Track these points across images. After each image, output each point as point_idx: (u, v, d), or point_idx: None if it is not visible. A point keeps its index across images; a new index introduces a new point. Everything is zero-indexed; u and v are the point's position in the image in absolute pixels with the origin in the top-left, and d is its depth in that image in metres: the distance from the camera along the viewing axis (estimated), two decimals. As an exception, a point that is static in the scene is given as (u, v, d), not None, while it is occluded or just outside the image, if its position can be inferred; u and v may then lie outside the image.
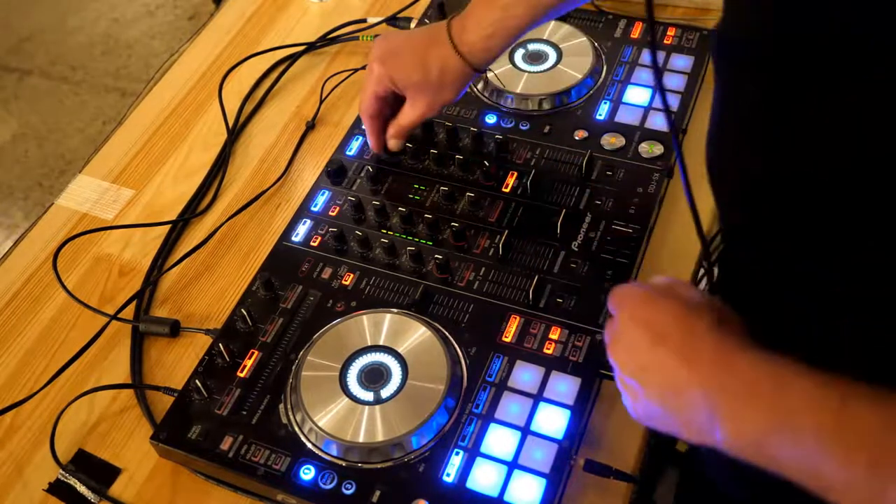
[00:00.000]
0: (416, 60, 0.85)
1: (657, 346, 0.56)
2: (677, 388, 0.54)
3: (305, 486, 0.72)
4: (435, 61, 0.84)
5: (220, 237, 0.96)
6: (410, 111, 0.89)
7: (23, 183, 2.45)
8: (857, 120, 0.50)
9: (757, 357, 0.52)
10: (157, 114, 1.12)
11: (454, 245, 0.87)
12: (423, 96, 0.87)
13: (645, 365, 0.57)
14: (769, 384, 0.50)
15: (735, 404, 0.51)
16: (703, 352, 0.54)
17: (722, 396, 0.52)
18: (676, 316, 0.57)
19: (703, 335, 0.55)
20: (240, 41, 1.20)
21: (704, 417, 0.52)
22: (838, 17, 0.48)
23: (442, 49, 0.84)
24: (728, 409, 0.51)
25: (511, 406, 0.75)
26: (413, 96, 0.88)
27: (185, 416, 0.77)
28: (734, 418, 0.51)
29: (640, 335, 0.57)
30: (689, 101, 0.98)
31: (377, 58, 0.87)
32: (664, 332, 0.56)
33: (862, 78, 0.48)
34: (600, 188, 0.90)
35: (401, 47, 0.87)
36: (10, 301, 0.94)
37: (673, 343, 0.55)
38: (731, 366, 0.52)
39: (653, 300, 0.59)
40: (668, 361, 0.55)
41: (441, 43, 0.84)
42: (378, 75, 0.87)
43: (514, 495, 0.69)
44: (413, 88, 0.87)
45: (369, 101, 0.90)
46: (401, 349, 0.78)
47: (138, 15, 2.87)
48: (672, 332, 0.56)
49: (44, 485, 0.79)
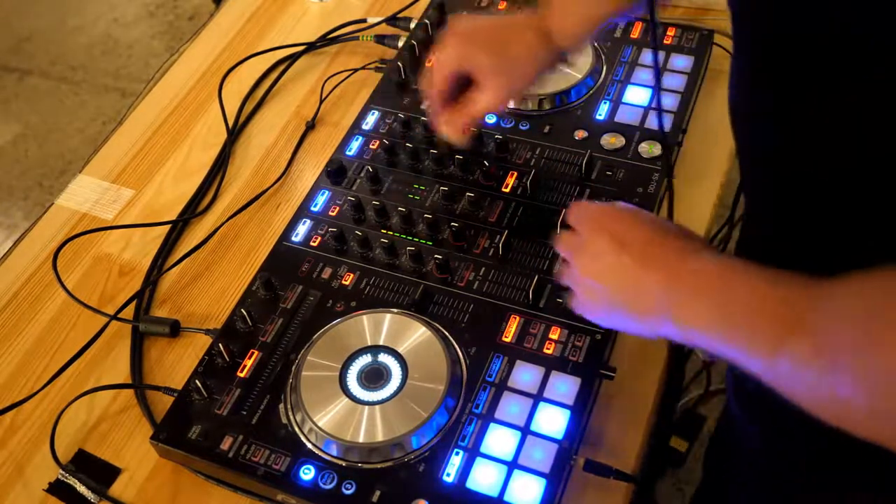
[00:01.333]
0: (496, 41, 0.79)
1: (622, 253, 0.63)
2: (638, 288, 0.61)
3: (305, 486, 0.72)
4: (516, 41, 0.79)
5: (220, 237, 0.96)
6: (483, 97, 0.81)
7: (23, 183, 2.45)
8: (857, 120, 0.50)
9: (710, 258, 0.59)
10: (157, 114, 1.12)
11: (454, 245, 0.87)
12: (498, 80, 0.80)
13: (610, 269, 0.64)
14: (717, 280, 0.57)
15: (685, 298, 0.58)
16: (662, 256, 0.61)
17: (675, 292, 0.59)
18: (640, 227, 0.65)
19: (662, 242, 0.63)
20: (240, 41, 1.20)
21: (659, 310, 0.60)
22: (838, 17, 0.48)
23: (526, 32, 0.79)
24: (679, 301, 0.58)
25: (511, 406, 0.75)
26: (486, 80, 0.80)
27: (185, 416, 0.77)
28: (683, 309, 0.58)
29: (607, 243, 0.64)
30: (689, 100, 0.98)
31: (453, 34, 0.81)
32: (628, 240, 0.63)
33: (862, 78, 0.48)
34: (600, 188, 0.90)
35: (482, 28, 0.81)
36: (10, 301, 0.94)
37: (636, 249, 0.62)
38: (686, 265, 0.59)
39: (618, 213, 0.67)
40: (632, 265, 0.62)
41: (525, 24, 0.79)
42: (450, 53, 0.81)
43: (514, 495, 0.69)
44: (488, 70, 0.80)
45: (440, 80, 0.83)
46: (401, 349, 0.78)
47: (138, 15, 2.87)
48: (635, 240, 0.63)
49: (44, 485, 0.79)
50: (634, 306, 0.63)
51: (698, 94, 1.00)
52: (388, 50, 1.13)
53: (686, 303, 0.58)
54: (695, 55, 1.02)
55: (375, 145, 0.97)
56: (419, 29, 1.10)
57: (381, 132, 0.99)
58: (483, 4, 1.12)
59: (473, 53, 0.80)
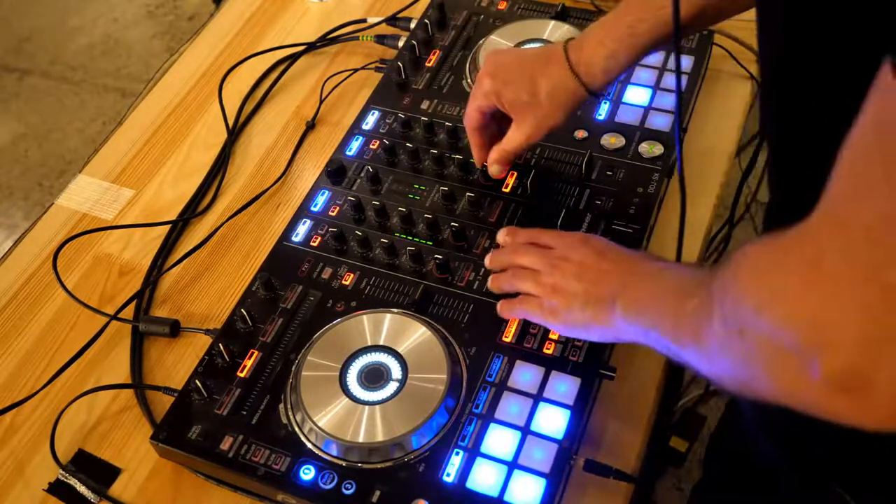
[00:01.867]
0: (526, 78, 0.81)
1: (601, 260, 0.72)
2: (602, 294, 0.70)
3: (305, 486, 0.72)
4: (547, 81, 0.80)
5: (220, 237, 0.96)
6: (516, 134, 0.84)
7: (23, 183, 2.45)
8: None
9: (659, 261, 0.70)
10: (157, 114, 1.12)
11: (454, 245, 0.87)
12: (530, 118, 0.82)
13: (590, 276, 0.72)
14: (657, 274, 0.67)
15: (631, 289, 0.68)
16: (628, 261, 0.72)
17: (626, 287, 0.68)
18: (608, 243, 0.75)
19: (631, 253, 0.73)
20: (240, 41, 1.20)
21: (610, 299, 0.69)
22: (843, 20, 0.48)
23: (556, 68, 0.80)
24: (626, 292, 0.68)
25: (511, 406, 0.75)
26: (520, 117, 0.83)
27: (185, 416, 0.77)
28: (628, 298, 0.68)
29: (586, 252, 0.74)
30: (690, 100, 0.98)
31: (488, 72, 0.83)
32: (605, 248, 0.74)
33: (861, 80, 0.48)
34: (600, 188, 0.90)
35: (512, 63, 0.83)
36: (10, 301, 0.94)
37: (612, 256, 0.73)
38: (640, 266, 0.70)
39: (586, 235, 0.78)
40: (611, 270, 0.71)
41: (556, 62, 0.80)
42: (486, 90, 0.83)
43: (514, 495, 0.69)
44: (520, 108, 0.82)
45: (473, 114, 0.86)
46: (401, 349, 0.78)
47: (138, 15, 2.87)
48: (610, 249, 0.74)
49: (44, 485, 0.79)
50: (593, 300, 0.70)
51: (698, 94, 1.00)
52: (388, 50, 1.13)
53: (631, 290, 0.68)
54: (695, 55, 1.02)
55: (375, 145, 0.97)
56: (419, 29, 1.10)
57: (381, 132, 0.99)
58: (483, 4, 1.12)
59: (504, 91, 0.82)
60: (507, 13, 1.11)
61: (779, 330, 0.46)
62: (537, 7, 1.11)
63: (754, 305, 0.48)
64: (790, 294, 0.45)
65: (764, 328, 0.47)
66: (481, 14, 1.11)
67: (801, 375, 0.44)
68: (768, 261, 0.48)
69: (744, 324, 0.49)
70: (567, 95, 0.81)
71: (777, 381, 0.48)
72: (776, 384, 0.48)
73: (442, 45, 1.08)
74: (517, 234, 0.82)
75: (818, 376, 0.43)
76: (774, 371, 0.48)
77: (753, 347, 0.49)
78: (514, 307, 0.78)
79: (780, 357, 0.46)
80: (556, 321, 0.74)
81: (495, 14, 1.11)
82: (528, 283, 0.76)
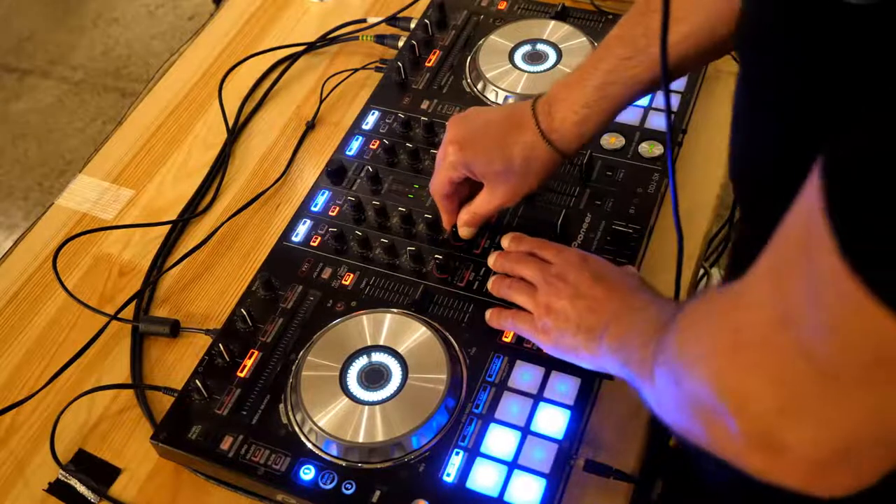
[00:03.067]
0: (497, 147, 0.78)
1: (596, 286, 0.72)
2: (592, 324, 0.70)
3: (305, 486, 0.72)
4: (519, 149, 0.77)
5: (220, 237, 0.96)
6: (489, 200, 0.81)
7: (23, 183, 2.45)
8: None
9: (647, 292, 0.71)
10: (157, 114, 1.12)
11: (454, 245, 0.87)
12: (505, 185, 0.79)
13: (584, 303, 0.71)
14: (643, 309, 0.67)
15: (616, 324, 0.68)
16: (621, 291, 0.71)
17: (614, 321, 0.68)
18: (605, 265, 0.76)
19: (624, 279, 0.73)
20: (240, 41, 1.20)
21: (600, 333, 0.69)
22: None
23: (527, 135, 0.77)
24: (612, 327, 0.68)
25: (511, 406, 0.75)
26: (493, 185, 0.80)
27: (185, 416, 0.77)
28: (614, 329, 0.68)
29: (583, 275, 0.73)
30: (690, 101, 0.98)
31: (453, 141, 0.79)
32: (602, 273, 0.74)
33: None
34: (600, 188, 0.90)
35: (479, 132, 0.79)
36: (10, 301, 0.94)
37: (608, 283, 0.72)
38: (630, 299, 0.70)
39: (585, 254, 0.77)
40: (604, 300, 0.71)
41: (526, 128, 0.77)
42: (453, 161, 0.79)
43: (514, 495, 0.69)
44: (493, 177, 0.79)
45: (443, 184, 0.82)
46: (401, 349, 0.78)
47: (138, 15, 2.87)
48: (607, 273, 0.74)
49: (44, 485, 0.79)
50: (584, 329, 0.70)
51: (698, 94, 1.00)
52: (388, 50, 1.13)
53: (617, 325, 0.68)
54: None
55: (375, 145, 0.97)
56: (419, 29, 1.10)
57: (381, 132, 0.99)
58: (483, 4, 1.12)
59: (474, 162, 0.79)
60: (507, 13, 1.11)
61: (702, 389, 0.48)
62: (537, 7, 1.11)
63: (684, 363, 0.52)
64: (711, 358, 0.48)
65: (692, 384, 0.49)
66: (481, 14, 1.11)
67: (724, 431, 0.46)
68: (699, 321, 0.52)
69: (678, 376, 0.52)
70: (542, 163, 0.78)
71: (707, 432, 0.50)
72: (707, 436, 0.50)
73: (442, 45, 1.08)
74: (521, 243, 0.82)
75: (737, 435, 0.45)
76: (704, 424, 0.50)
77: (686, 399, 0.51)
78: (506, 319, 0.78)
79: (706, 412, 0.48)
80: (547, 341, 0.74)
81: (495, 14, 1.11)
82: (523, 298, 0.77)
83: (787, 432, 0.42)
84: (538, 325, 0.74)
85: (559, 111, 0.77)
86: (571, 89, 0.77)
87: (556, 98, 0.77)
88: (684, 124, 0.96)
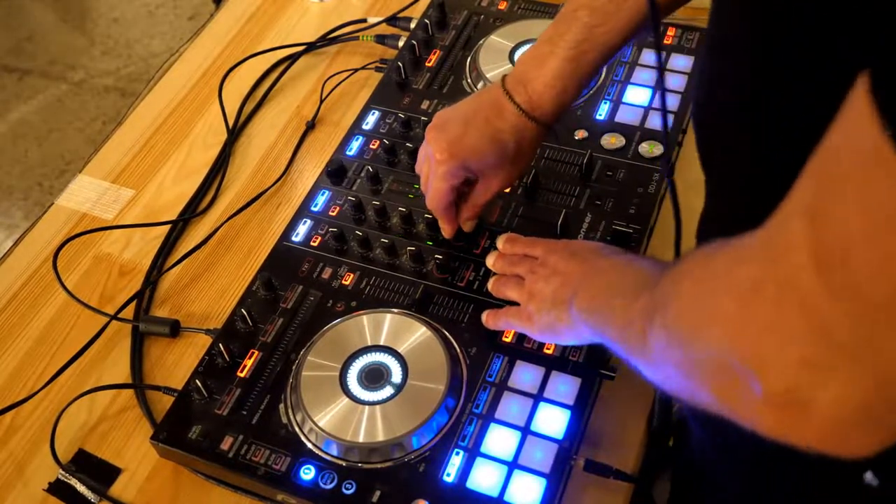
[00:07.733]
0: (486, 141, 0.78)
1: (572, 261, 0.72)
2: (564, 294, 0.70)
3: (306, 486, 0.72)
4: (509, 135, 0.77)
5: (220, 237, 0.96)
6: (487, 188, 0.82)
7: (23, 183, 2.45)
8: None
9: (628, 255, 0.71)
10: (157, 114, 1.12)
11: (454, 245, 0.87)
12: (501, 172, 0.80)
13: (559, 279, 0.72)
14: (620, 268, 0.67)
15: (587, 285, 0.68)
16: (596, 259, 0.71)
17: (583, 283, 0.69)
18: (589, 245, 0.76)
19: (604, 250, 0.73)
20: (240, 41, 1.20)
21: (570, 299, 0.69)
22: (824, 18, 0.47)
23: (510, 119, 0.77)
24: (582, 288, 0.68)
25: (511, 406, 0.75)
26: (489, 175, 0.81)
27: (185, 416, 0.77)
28: (583, 293, 0.68)
29: (561, 256, 0.74)
30: (690, 101, 0.98)
31: (443, 150, 0.78)
32: (578, 249, 0.74)
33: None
34: (600, 188, 0.90)
35: (464, 131, 0.78)
36: (10, 301, 0.94)
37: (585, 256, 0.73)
38: (604, 262, 0.70)
39: (569, 241, 0.78)
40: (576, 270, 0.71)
41: (506, 113, 0.77)
42: (449, 168, 0.79)
43: (514, 495, 0.69)
44: (489, 169, 0.80)
45: (444, 196, 0.81)
46: (401, 349, 0.78)
47: (138, 15, 2.87)
48: (582, 248, 0.75)
49: (44, 485, 0.79)
50: (558, 301, 0.71)
51: (698, 94, 1.00)
52: (388, 50, 1.13)
53: (587, 287, 0.68)
54: (695, 55, 1.02)
55: (375, 145, 0.97)
56: (419, 29, 1.10)
57: (381, 132, 0.99)
58: (483, 4, 1.12)
59: (469, 161, 0.79)
60: (507, 13, 1.11)
61: (716, 350, 0.45)
62: (537, 7, 1.11)
63: (689, 326, 0.48)
64: (727, 318, 0.44)
65: (701, 346, 0.47)
66: (481, 14, 1.11)
67: (740, 392, 0.44)
68: (707, 278, 0.48)
69: (682, 338, 0.49)
70: (531, 141, 0.79)
71: (716, 394, 0.47)
72: (716, 397, 0.48)
73: (442, 45, 1.08)
74: (515, 244, 0.82)
75: (758, 394, 0.42)
76: (714, 385, 0.47)
77: (693, 361, 0.48)
78: (499, 318, 0.78)
79: (719, 373, 0.46)
80: (530, 326, 0.75)
81: (495, 14, 1.11)
82: (514, 292, 0.77)
83: (812, 388, 0.40)
84: (523, 314, 0.75)
85: (535, 87, 0.76)
86: (542, 64, 0.76)
87: (526, 76, 0.77)
88: (684, 124, 0.96)
